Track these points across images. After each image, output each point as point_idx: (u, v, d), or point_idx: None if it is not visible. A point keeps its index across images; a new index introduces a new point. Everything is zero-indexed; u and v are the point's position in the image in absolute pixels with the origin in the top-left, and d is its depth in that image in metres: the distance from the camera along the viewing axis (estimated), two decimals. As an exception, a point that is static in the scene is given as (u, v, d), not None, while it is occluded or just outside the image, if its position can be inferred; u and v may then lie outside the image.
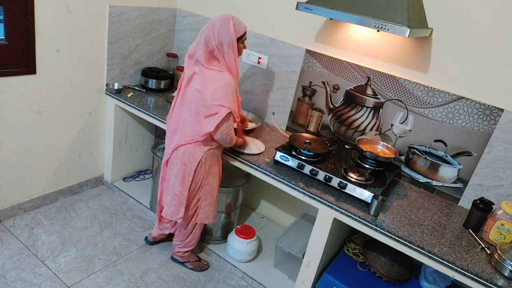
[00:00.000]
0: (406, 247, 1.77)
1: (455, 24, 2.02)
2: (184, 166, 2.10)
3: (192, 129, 2.04)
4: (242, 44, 2.03)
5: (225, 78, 1.95)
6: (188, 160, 2.08)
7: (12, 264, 2.25)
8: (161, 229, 2.48)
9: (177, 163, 2.11)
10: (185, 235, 2.34)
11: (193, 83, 2.01)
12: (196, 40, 2.01)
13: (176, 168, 2.12)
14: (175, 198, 2.16)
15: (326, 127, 2.58)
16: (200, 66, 1.99)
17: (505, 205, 1.84)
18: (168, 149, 2.17)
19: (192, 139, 2.05)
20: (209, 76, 1.95)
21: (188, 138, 2.06)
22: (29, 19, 2.22)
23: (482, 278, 1.62)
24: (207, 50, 1.96)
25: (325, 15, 1.96)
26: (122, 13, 2.67)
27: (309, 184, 2.06)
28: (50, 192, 2.78)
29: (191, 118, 2.03)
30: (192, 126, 2.04)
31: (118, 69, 2.83)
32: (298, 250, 2.39)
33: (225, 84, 1.94)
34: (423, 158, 2.25)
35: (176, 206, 2.17)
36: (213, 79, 1.94)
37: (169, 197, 2.19)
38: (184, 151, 2.08)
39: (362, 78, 2.36)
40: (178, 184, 2.13)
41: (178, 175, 2.12)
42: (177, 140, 2.10)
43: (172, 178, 2.15)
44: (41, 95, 2.45)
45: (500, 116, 1.98)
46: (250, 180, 2.70)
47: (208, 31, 1.95)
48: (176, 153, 2.11)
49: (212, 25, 1.95)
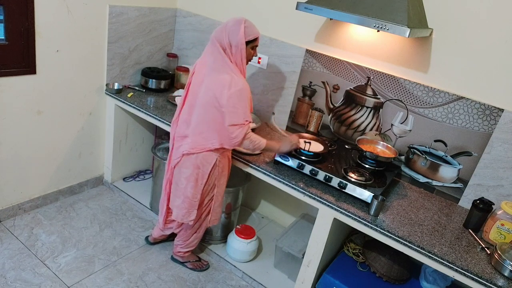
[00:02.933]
0: (406, 247, 1.77)
1: (455, 24, 2.02)
2: (197, 170, 2.05)
3: (205, 138, 1.98)
4: (252, 50, 1.98)
5: (239, 83, 1.89)
6: (201, 164, 2.04)
7: (12, 264, 2.25)
8: (162, 230, 2.47)
9: (188, 166, 2.06)
10: (189, 235, 2.34)
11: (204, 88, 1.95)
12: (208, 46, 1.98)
13: (187, 171, 2.07)
14: (186, 201, 2.12)
15: (326, 127, 2.58)
16: (212, 69, 1.93)
17: (505, 205, 1.84)
18: (177, 153, 2.10)
19: (204, 148, 2.01)
20: (224, 80, 1.88)
21: (200, 147, 2.01)
22: (29, 19, 2.22)
23: (482, 278, 1.62)
24: (220, 50, 1.92)
25: (325, 15, 1.96)
26: (122, 13, 2.67)
27: (309, 184, 2.06)
28: (50, 192, 2.78)
29: (205, 126, 1.97)
30: (206, 134, 1.98)
31: (118, 69, 2.83)
32: (298, 250, 2.39)
33: (242, 89, 1.89)
34: (423, 158, 2.25)
35: (187, 208, 2.14)
36: (229, 84, 1.87)
37: (180, 200, 2.14)
38: (197, 156, 2.03)
39: (362, 78, 2.36)
40: (191, 187, 2.08)
41: (191, 178, 2.07)
42: (189, 147, 2.03)
43: (184, 181, 2.09)
44: (41, 95, 2.45)
45: (500, 116, 1.98)
46: (250, 180, 2.71)
47: (220, 31, 1.93)
48: (189, 157, 2.05)
49: (224, 25, 1.94)
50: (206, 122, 1.97)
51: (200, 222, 2.28)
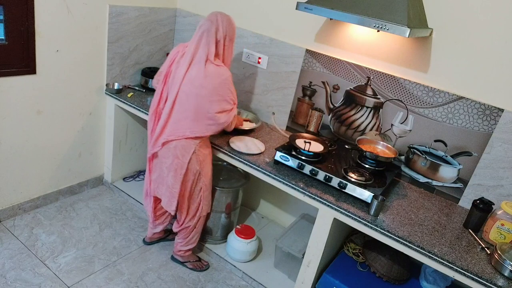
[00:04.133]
0: (406, 247, 1.77)
1: (455, 24, 2.02)
2: (177, 160, 2.11)
3: (186, 126, 2.05)
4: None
5: (225, 73, 2.02)
6: (180, 154, 2.10)
7: (12, 264, 2.25)
8: (152, 228, 2.51)
9: (168, 156, 2.13)
10: (189, 231, 2.36)
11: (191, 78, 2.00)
12: (198, 37, 2.01)
13: (168, 161, 2.14)
14: (168, 190, 2.21)
15: (326, 127, 2.58)
16: (202, 60, 1.99)
17: (505, 205, 1.84)
18: (156, 143, 2.16)
19: (184, 135, 2.07)
20: (211, 71, 1.98)
21: (179, 134, 2.08)
22: (29, 19, 2.22)
23: (482, 278, 1.62)
24: (215, 42, 1.99)
25: (325, 15, 1.96)
26: (122, 13, 2.67)
27: (309, 184, 2.06)
28: (50, 192, 2.78)
29: (186, 114, 2.04)
30: (186, 122, 2.05)
31: (118, 69, 2.83)
32: (298, 250, 2.39)
33: (227, 78, 2.02)
34: (423, 158, 2.25)
35: (169, 198, 2.22)
36: (216, 74, 1.99)
37: (164, 188, 2.23)
38: (176, 145, 2.10)
39: (362, 78, 2.36)
40: (171, 177, 2.16)
41: (171, 167, 2.14)
42: (167, 135, 2.10)
43: (165, 171, 2.18)
44: (41, 95, 2.45)
45: (500, 116, 1.98)
46: (250, 180, 2.70)
47: (216, 23, 1.98)
48: (168, 146, 2.12)
49: (215, 19, 1.99)
50: (186, 110, 2.04)
51: (198, 216, 2.31)
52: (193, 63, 2.01)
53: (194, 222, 2.32)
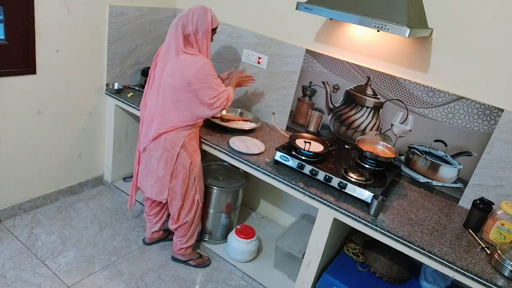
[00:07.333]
0: (406, 247, 1.77)
1: (455, 24, 2.02)
2: (167, 152, 2.15)
3: (173, 117, 2.08)
4: (212, 36, 2.15)
5: (201, 60, 2.03)
6: (170, 146, 2.14)
7: (12, 264, 2.25)
8: (150, 228, 2.54)
9: (158, 148, 2.17)
10: (188, 227, 2.36)
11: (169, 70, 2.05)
12: (170, 31, 2.06)
13: (157, 154, 2.18)
14: (158, 181, 2.24)
15: (326, 127, 2.58)
16: (175, 52, 2.03)
17: (505, 205, 1.84)
18: (146, 137, 2.19)
19: (173, 126, 2.10)
20: (186, 61, 2.02)
21: (168, 126, 2.11)
22: (29, 19, 2.22)
23: (482, 278, 1.62)
24: (183, 35, 2.03)
25: (325, 15, 1.96)
26: (122, 13, 2.67)
27: (309, 184, 2.06)
28: (50, 192, 2.78)
29: (172, 105, 2.08)
30: (173, 113, 2.08)
31: (118, 69, 2.83)
32: (298, 250, 2.39)
33: (204, 64, 2.03)
34: (423, 158, 2.25)
35: (159, 188, 2.25)
36: (191, 63, 2.01)
37: (153, 179, 2.26)
38: (166, 138, 2.13)
39: (362, 78, 2.36)
40: (162, 168, 2.19)
41: (161, 159, 2.18)
42: (156, 129, 2.13)
43: (155, 163, 2.21)
44: (41, 95, 2.45)
45: (500, 116, 1.98)
46: (250, 180, 2.70)
47: (186, 18, 2.02)
48: (158, 140, 2.15)
49: (190, 13, 2.03)
50: (173, 102, 2.07)
51: (194, 209, 2.33)
52: (169, 57, 2.06)
53: (191, 216, 2.33)
